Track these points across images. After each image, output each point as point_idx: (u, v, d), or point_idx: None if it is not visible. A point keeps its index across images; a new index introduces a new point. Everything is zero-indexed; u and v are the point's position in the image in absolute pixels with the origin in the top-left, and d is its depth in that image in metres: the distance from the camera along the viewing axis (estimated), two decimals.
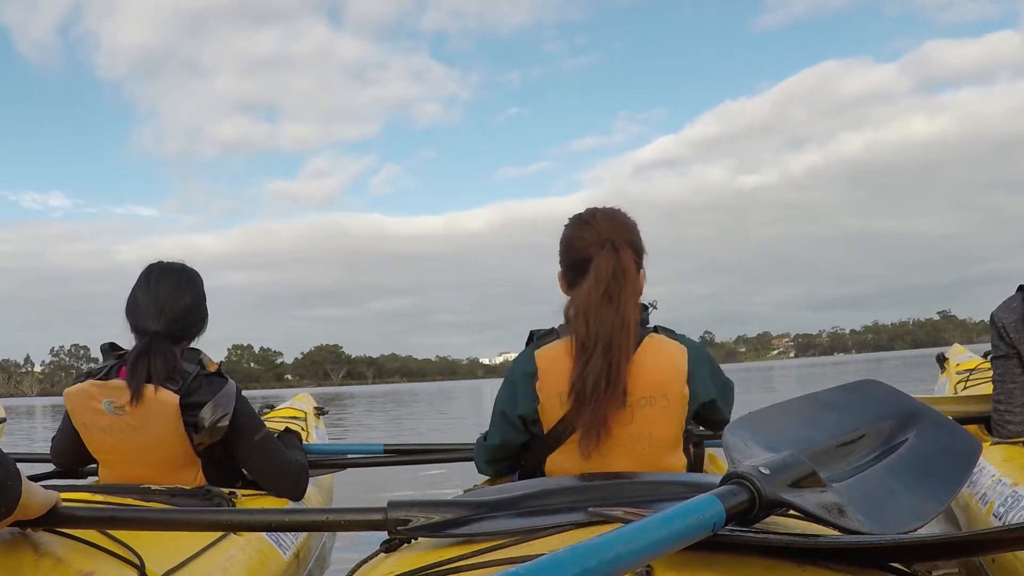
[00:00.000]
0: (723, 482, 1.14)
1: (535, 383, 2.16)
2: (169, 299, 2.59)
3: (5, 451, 1.60)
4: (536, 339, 2.24)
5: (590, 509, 1.35)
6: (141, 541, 1.83)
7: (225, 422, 2.51)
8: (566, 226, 2.29)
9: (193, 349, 2.66)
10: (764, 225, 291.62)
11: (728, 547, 1.11)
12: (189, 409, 2.47)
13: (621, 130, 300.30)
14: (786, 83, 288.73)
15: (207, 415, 2.48)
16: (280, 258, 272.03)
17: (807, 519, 1.19)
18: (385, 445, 3.71)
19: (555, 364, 2.14)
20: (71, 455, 2.72)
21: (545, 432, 2.18)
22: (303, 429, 4.40)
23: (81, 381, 2.52)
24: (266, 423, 2.83)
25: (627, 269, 2.13)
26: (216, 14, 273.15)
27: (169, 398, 2.43)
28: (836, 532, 1.19)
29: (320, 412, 5.55)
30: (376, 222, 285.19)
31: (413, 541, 1.53)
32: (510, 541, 1.33)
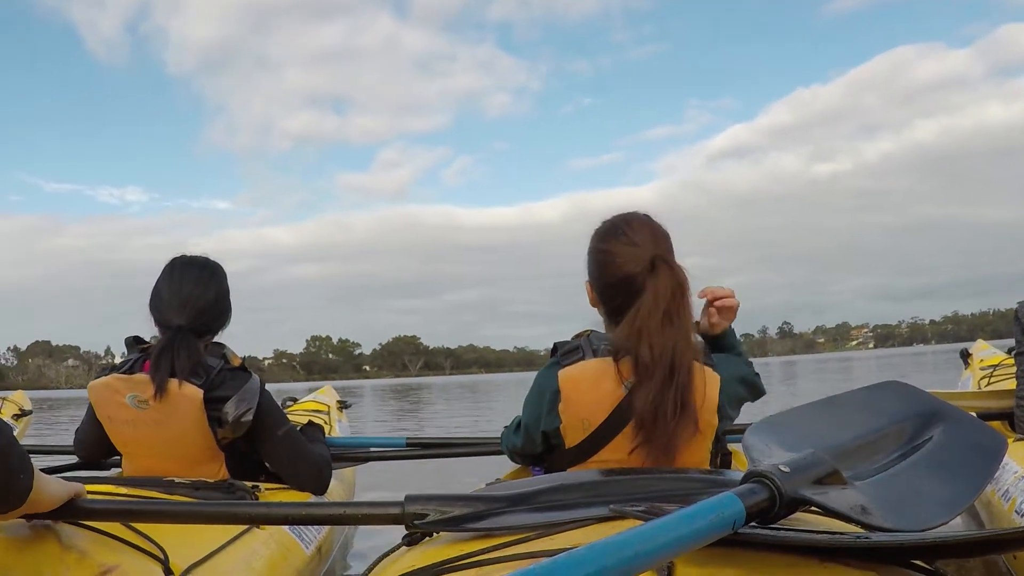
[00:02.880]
0: (743, 481, 1.14)
1: (558, 404, 2.07)
2: (193, 293, 2.60)
3: (37, 439, 1.62)
4: (560, 355, 2.12)
5: (612, 507, 1.35)
6: (165, 534, 1.84)
7: (249, 417, 2.51)
8: (597, 238, 2.18)
9: (217, 343, 2.67)
10: (839, 213, 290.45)
11: (749, 545, 1.11)
12: (213, 403, 2.48)
13: (692, 119, 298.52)
14: (858, 70, 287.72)
15: (231, 410, 2.49)
16: (355, 250, 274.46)
17: (830, 517, 1.19)
18: (408, 438, 3.71)
19: (579, 389, 2.05)
20: (94, 447, 2.73)
21: (566, 448, 2.11)
22: (326, 423, 4.42)
23: (105, 374, 2.54)
24: (289, 416, 2.84)
25: (684, 285, 2.03)
26: (281, 8, 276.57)
27: (193, 393, 2.44)
28: (858, 530, 1.18)
29: (343, 405, 5.57)
30: (449, 213, 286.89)
31: (435, 534, 1.53)
32: (531, 535, 1.33)
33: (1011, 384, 3.43)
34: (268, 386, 2.61)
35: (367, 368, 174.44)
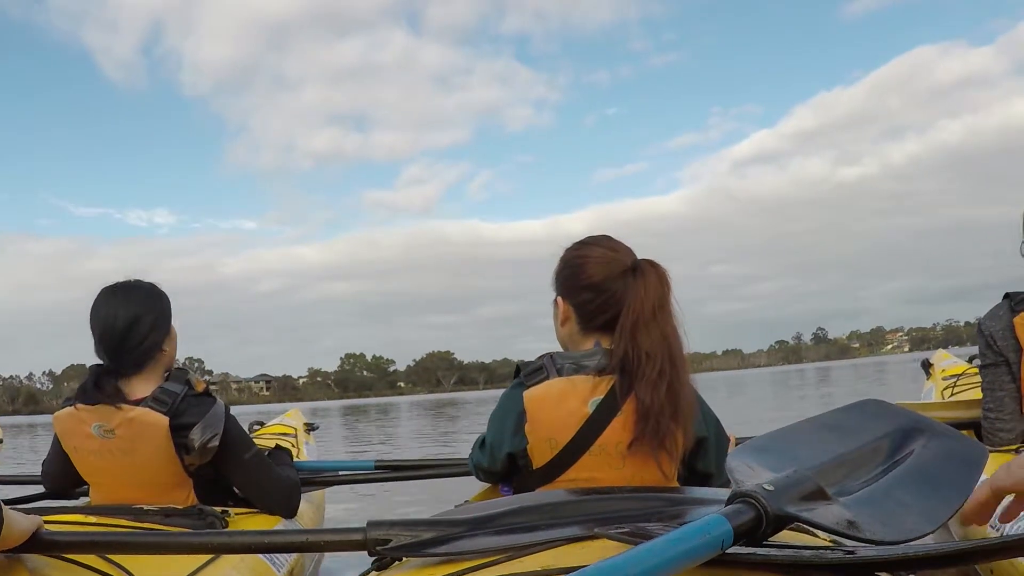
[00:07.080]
0: (729, 501, 1.14)
1: (524, 424, 2.08)
2: (108, 324, 2.50)
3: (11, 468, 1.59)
4: (524, 375, 2.12)
5: (596, 530, 1.34)
6: (136, 561, 1.81)
7: (215, 442, 2.48)
8: (571, 249, 2.25)
9: (181, 369, 2.63)
10: (868, 217, 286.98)
11: (737, 564, 1.11)
12: (179, 430, 2.44)
13: (716, 126, 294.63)
14: (880, 71, 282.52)
15: (197, 436, 2.45)
16: (384, 266, 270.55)
17: (816, 536, 1.19)
18: (376, 461, 3.70)
19: (545, 408, 2.05)
20: (62, 478, 2.68)
21: (534, 469, 2.10)
22: (293, 446, 4.38)
23: (70, 404, 2.50)
24: (256, 440, 2.80)
25: (669, 283, 2.11)
26: (296, 26, 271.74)
27: (158, 420, 2.41)
28: (852, 545, 1.19)
29: (310, 428, 5.52)
30: (476, 228, 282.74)
31: (405, 558, 1.52)
32: (501, 558, 1.32)
33: (975, 394, 3.45)
34: (303, 405, 2.56)
35: (401, 385, 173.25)
